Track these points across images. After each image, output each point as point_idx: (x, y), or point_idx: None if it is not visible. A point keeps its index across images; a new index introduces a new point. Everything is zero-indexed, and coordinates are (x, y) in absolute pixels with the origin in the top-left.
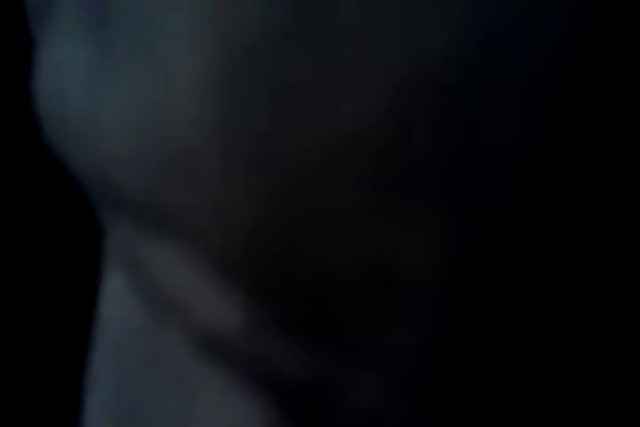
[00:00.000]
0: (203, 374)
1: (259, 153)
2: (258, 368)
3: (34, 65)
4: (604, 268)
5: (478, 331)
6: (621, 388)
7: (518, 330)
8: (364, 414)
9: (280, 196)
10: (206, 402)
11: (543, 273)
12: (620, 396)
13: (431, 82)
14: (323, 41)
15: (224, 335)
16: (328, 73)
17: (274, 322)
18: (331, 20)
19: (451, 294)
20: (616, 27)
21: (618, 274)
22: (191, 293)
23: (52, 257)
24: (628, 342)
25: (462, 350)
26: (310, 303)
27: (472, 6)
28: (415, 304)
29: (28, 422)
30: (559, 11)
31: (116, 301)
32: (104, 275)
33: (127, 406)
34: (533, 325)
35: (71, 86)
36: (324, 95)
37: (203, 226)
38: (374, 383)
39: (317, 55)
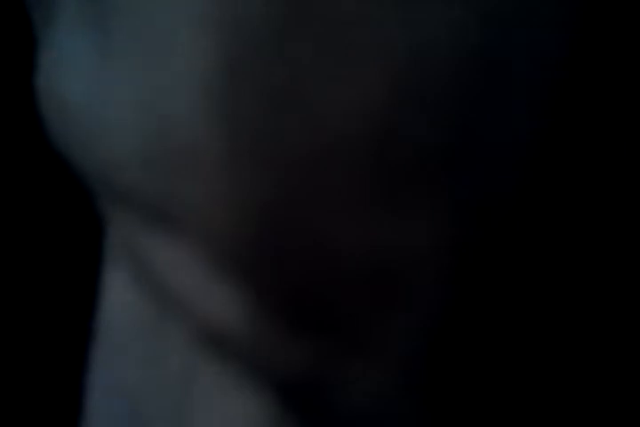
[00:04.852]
0: (203, 371)
1: (259, 149)
2: (258, 363)
3: (36, 60)
4: (603, 263)
5: (476, 321)
6: (619, 379)
7: (516, 319)
8: (364, 408)
9: (280, 192)
10: (207, 399)
11: (542, 264)
12: (618, 389)
13: (431, 75)
14: (322, 36)
15: (225, 330)
16: (328, 67)
17: (274, 316)
18: (330, 15)
19: (450, 283)
20: (614, 21)
21: (616, 269)
22: (193, 288)
23: (53, 253)
24: (626, 335)
25: (460, 340)
26: (311, 295)
27: None
28: (414, 294)
29: (28, 421)
30: (558, 4)
31: (118, 296)
32: (106, 271)
33: (128, 403)
34: (531, 315)
35: (72, 84)
36: (325, 89)
37: (205, 222)
38: (374, 376)
39: (317, 50)
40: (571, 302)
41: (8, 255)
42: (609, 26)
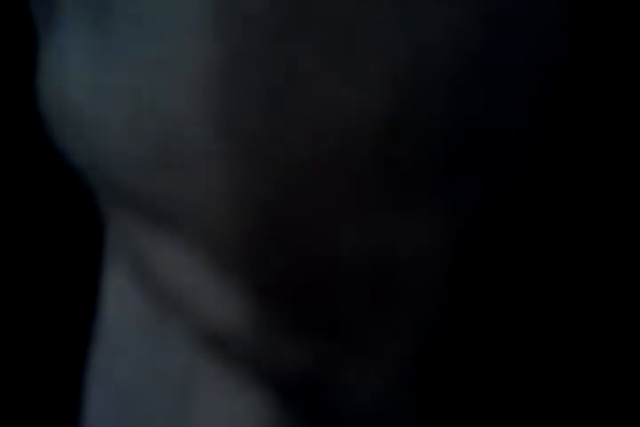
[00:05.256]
0: (204, 372)
1: (259, 149)
2: (259, 363)
3: (37, 61)
4: (602, 262)
5: (476, 321)
6: (619, 379)
7: (516, 319)
8: (364, 408)
9: (280, 192)
10: (207, 399)
11: (541, 264)
12: (618, 389)
13: (431, 76)
14: (323, 37)
15: (225, 330)
16: (328, 68)
17: (274, 315)
18: (330, 15)
19: (450, 283)
20: (614, 22)
21: (616, 270)
22: (193, 288)
23: (54, 252)
24: (626, 335)
25: (460, 340)
26: (311, 296)
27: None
28: (414, 294)
29: (28, 421)
30: (558, 4)
31: (118, 296)
32: (105, 272)
33: (128, 403)
34: (531, 314)
35: (73, 84)
36: (324, 91)
37: (204, 222)
38: (374, 376)
39: (318, 51)
40: (571, 302)
41: (9, 255)
42: (609, 26)
